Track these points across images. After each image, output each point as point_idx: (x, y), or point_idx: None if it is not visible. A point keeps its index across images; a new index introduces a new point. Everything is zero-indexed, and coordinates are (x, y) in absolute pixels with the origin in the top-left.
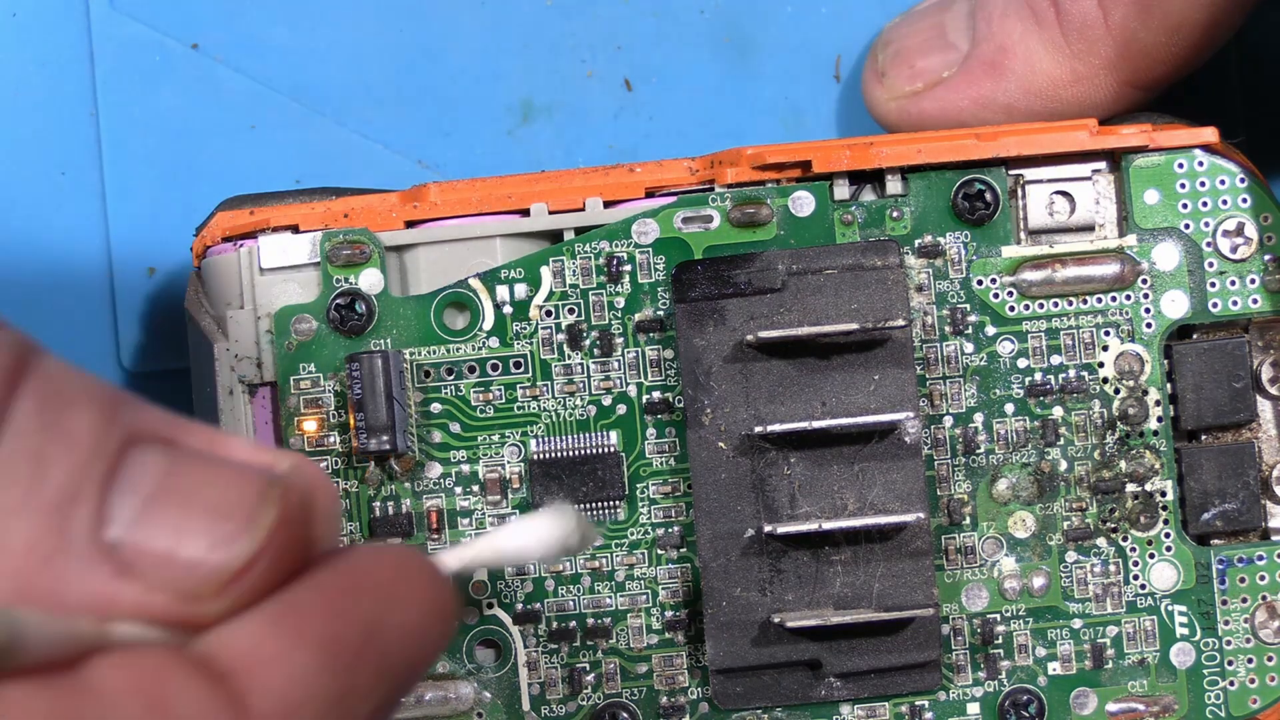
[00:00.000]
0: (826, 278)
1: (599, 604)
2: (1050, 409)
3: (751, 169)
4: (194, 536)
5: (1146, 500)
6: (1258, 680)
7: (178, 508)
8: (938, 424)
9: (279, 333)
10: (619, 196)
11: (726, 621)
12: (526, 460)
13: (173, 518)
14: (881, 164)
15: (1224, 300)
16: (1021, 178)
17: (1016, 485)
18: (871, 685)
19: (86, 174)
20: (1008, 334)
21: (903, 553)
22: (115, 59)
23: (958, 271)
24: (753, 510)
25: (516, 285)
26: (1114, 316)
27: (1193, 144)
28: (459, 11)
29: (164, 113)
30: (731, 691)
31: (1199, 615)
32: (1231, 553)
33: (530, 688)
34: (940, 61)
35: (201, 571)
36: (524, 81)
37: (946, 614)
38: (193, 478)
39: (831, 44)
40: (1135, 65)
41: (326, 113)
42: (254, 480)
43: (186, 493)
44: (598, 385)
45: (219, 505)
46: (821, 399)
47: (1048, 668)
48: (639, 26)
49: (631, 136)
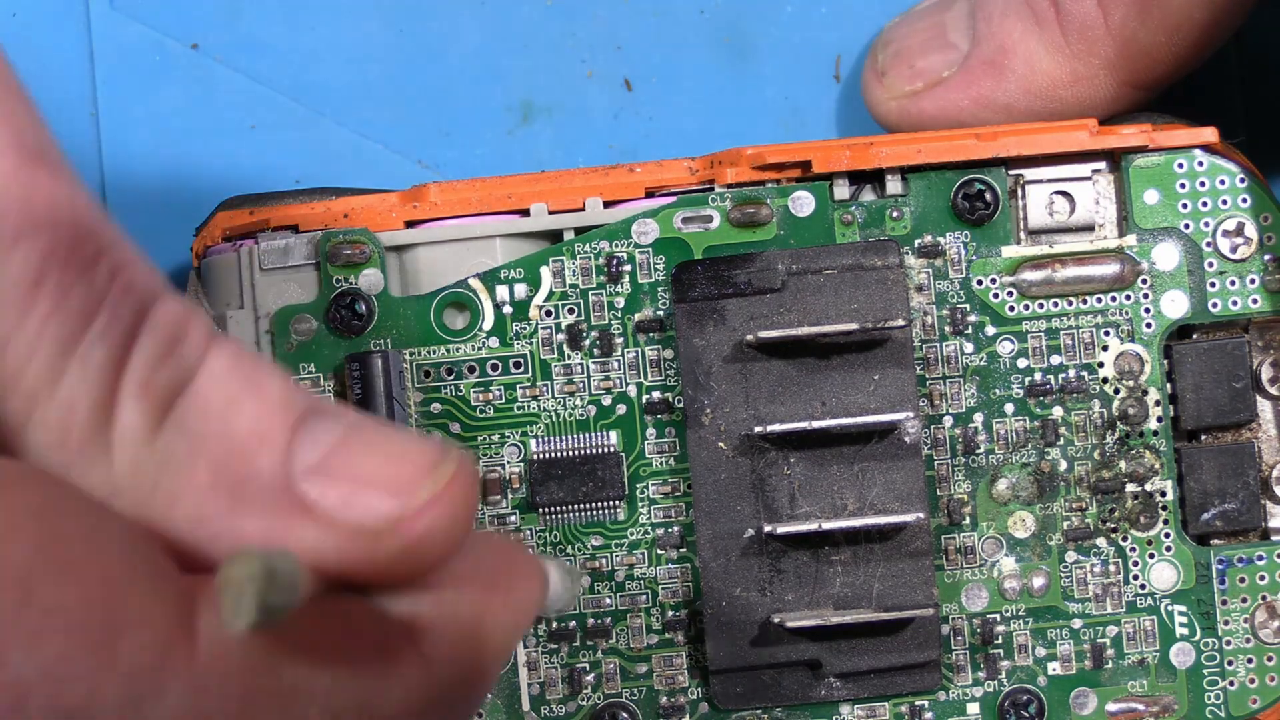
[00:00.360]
0: (826, 278)
1: (599, 604)
2: (1050, 409)
3: (751, 169)
4: (377, 478)
5: (1146, 500)
6: (1258, 680)
7: (361, 455)
8: (938, 424)
9: (279, 333)
10: (619, 196)
11: (726, 621)
12: (526, 460)
13: (356, 463)
14: (881, 164)
15: (1224, 300)
16: (1021, 178)
17: (1016, 485)
18: (871, 685)
19: (86, 174)
20: (1008, 334)
21: (903, 553)
22: (115, 59)
23: (958, 271)
24: (753, 510)
25: (516, 285)
26: (1114, 316)
27: (1193, 144)
28: (459, 11)
29: (164, 113)
30: (731, 691)
31: (1199, 615)
32: (1231, 553)
33: (530, 688)
34: (940, 61)
35: (381, 508)
36: (524, 81)
37: (946, 614)
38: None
39: (831, 44)
40: (1135, 65)
41: (326, 113)
42: (431, 445)
43: (369, 445)
44: (598, 385)
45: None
46: (821, 399)
47: (1047, 668)
48: (639, 26)
49: (631, 136)
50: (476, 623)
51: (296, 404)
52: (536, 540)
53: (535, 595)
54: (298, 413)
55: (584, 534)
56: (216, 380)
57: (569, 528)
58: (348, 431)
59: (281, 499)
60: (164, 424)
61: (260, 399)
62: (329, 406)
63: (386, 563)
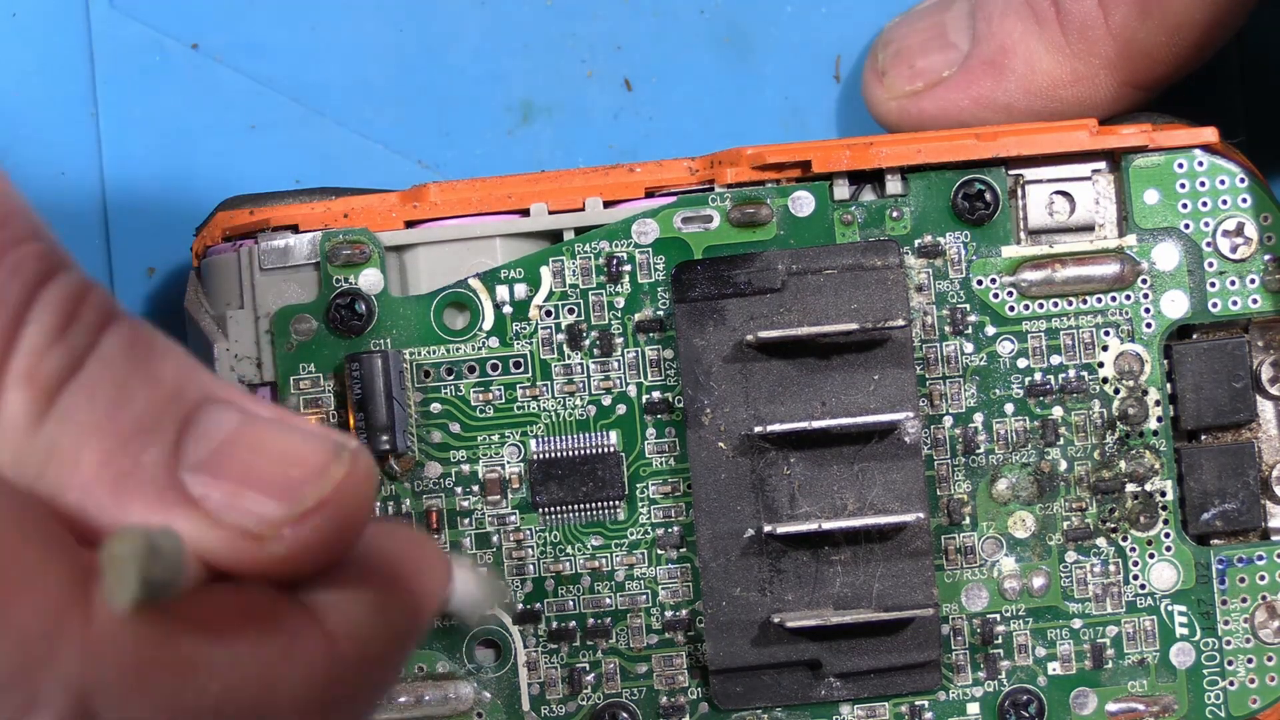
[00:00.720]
0: (826, 278)
1: (599, 604)
2: (1050, 409)
3: (751, 169)
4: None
5: (1146, 500)
6: (1257, 680)
7: (250, 454)
8: (938, 424)
9: (279, 333)
10: (619, 196)
11: (726, 621)
12: (526, 460)
13: (244, 462)
14: (881, 164)
15: (1224, 300)
16: (1021, 178)
17: (1016, 485)
18: (871, 685)
19: (87, 174)
20: (1008, 334)
21: (903, 553)
22: (115, 59)
23: (957, 271)
24: (753, 510)
25: (516, 285)
26: (1114, 316)
27: (1193, 144)
28: (459, 11)
29: (164, 113)
30: (731, 691)
31: (1199, 615)
32: (1231, 553)
33: (530, 688)
34: (940, 61)
35: (265, 512)
36: (524, 81)
37: (946, 614)
38: (266, 434)
39: (831, 44)
40: (1135, 65)
41: (326, 113)
42: (325, 442)
43: (260, 444)
44: (597, 385)
45: (290, 457)
46: (821, 399)
47: (1047, 668)
48: (639, 26)
49: (631, 136)
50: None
51: (189, 393)
52: (536, 540)
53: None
54: (190, 403)
55: (584, 534)
56: (107, 364)
57: (569, 528)
58: (240, 425)
59: (166, 494)
60: (49, 413)
61: (152, 386)
62: (227, 393)
63: (271, 563)
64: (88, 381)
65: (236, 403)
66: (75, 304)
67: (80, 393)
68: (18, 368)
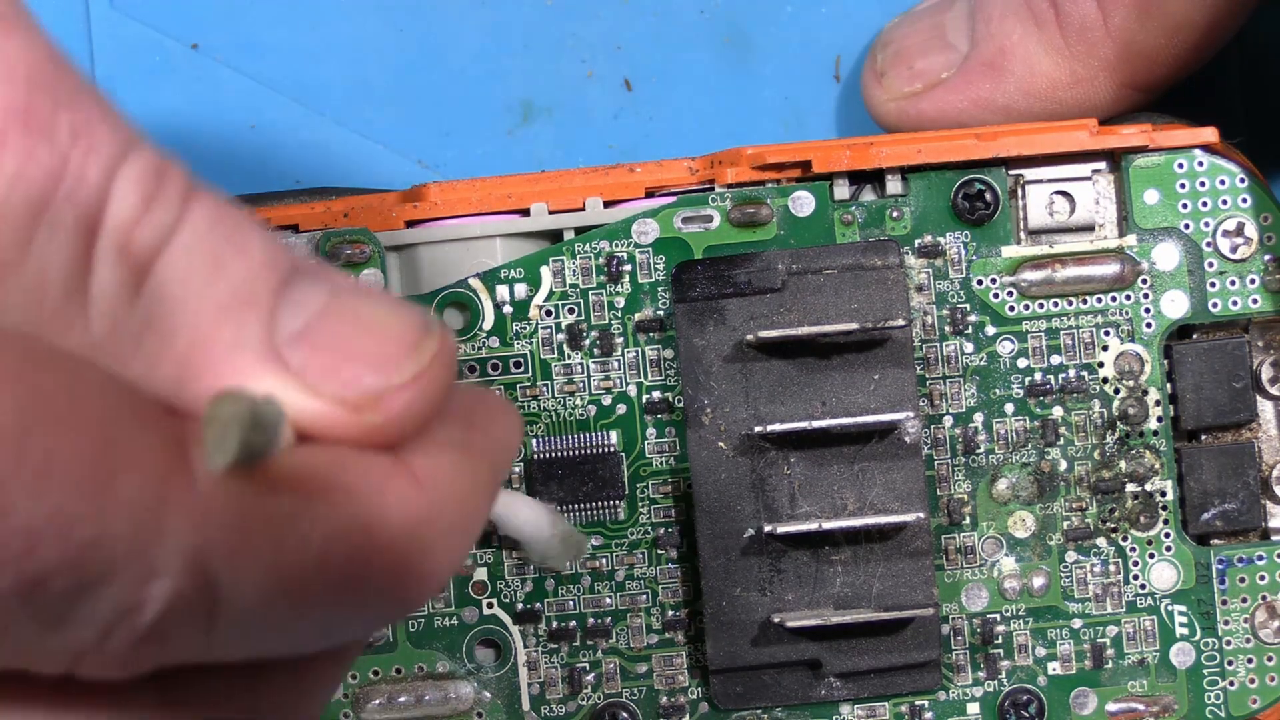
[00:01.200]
0: (826, 278)
1: (599, 604)
2: (1050, 409)
3: (751, 169)
4: (361, 352)
5: (1146, 500)
6: (1258, 680)
7: (345, 326)
8: (938, 424)
9: None
10: (619, 196)
11: (726, 621)
12: (526, 460)
13: (340, 334)
14: (881, 164)
15: (1224, 300)
16: (1021, 178)
17: (1016, 485)
18: (871, 685)
19: None
20: (1008, 334)
21: (903, 553)
22: (115, 59)
23: (958, 271)
24: (753, 510)
25: (516, 285)
26: (1114, 316)
27: (1193, 144)
28: (459, 11)
29: (164, 113)
30: (731, 691)
31: (1199, 615)
32: (1231, 553)
33: (530, 687)
34: (939, 62)
35: (365, 383)
36: (524, 81)
37: (946, 614)
38: (359, 305)
39: (831, 44)
40: (1135, 67)
41: (326, 113)
42: (416, 316)
43: (353, 315)
44: (598, 385)
45: (386, 330)
46: (821, 399)
47: (1048, 668)
48: (639, 26)
49: (631, 136)
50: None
51: (280, 264)
52: None
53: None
54: (281, 273)
55: (584, 534)
56: (198, 236)
57: None
58: (332, 296)
59: (265, 363)
60: (144, 286)
61: (243, 258)
62: (312, 266)
63: (365, 432)
64: (181, 253)
65: (323, 274)
66: (157, 178)
67: (174, 265)
68: (108, 243)
